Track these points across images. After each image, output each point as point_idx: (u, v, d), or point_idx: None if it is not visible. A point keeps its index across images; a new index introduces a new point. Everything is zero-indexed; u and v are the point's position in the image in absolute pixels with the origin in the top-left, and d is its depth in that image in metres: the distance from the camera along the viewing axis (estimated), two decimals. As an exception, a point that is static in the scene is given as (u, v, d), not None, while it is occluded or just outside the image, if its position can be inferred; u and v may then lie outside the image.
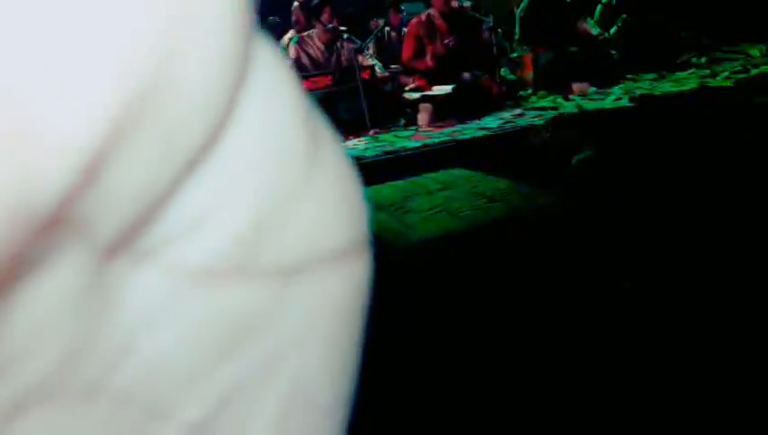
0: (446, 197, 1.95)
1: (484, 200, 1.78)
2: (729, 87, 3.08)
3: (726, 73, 3.42)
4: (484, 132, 2.77)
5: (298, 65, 4.08)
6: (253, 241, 0.09)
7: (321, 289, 0.10)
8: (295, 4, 5.23)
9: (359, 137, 3.27)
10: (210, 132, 0.08)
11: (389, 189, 2.20)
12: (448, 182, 2.15)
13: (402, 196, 2.07)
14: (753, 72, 3.33)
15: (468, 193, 1.94)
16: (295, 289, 0.09)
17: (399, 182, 2.32)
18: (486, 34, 4.40)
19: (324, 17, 4.01)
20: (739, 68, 3.50)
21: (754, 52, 4.01)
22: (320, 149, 0.09)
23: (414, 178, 2.31)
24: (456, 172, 2.29)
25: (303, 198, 0.09)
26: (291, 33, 5.19)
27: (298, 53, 4.09)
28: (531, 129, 2.72)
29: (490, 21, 4.40)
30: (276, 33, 5.98)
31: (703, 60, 4.42)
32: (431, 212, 1.78)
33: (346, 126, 3.52)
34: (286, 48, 4.83)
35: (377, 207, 1.99)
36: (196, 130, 0.08)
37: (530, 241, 1.64)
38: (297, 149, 0.09)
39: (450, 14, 4.17)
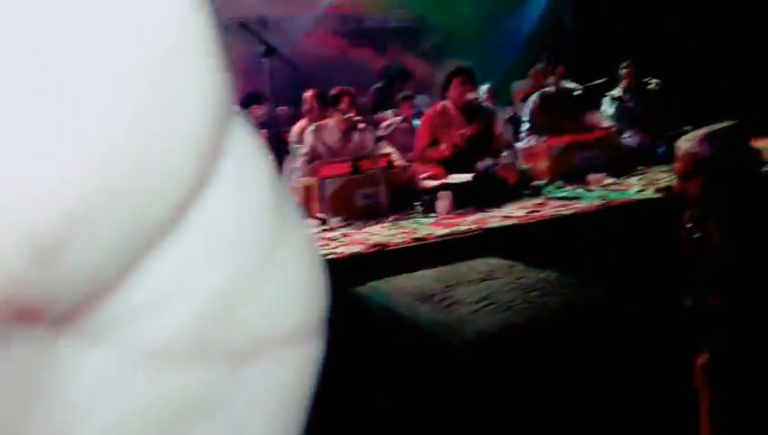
0: (491, 287, 1.86)
1: (536, 293, 1.70)
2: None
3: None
4: (512, 221, 2.72)
5: (314, 153, 4.11)
6: (209, 324, 0.09)
7: (272, 372, 0.10)
8: (308, 93, 5.36)
9: (378, 223, 3.22)
10: (172, 217, 0.08)
11: (426, 279, 2.12)
12: (487, 272, 2.07)
13: (442, 285, 1.99)
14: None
15: (514, 285, 1.86)
16: (246, 373, 0.10)
17: (433, 271, 2.24)
18: (501, 125, 4.49)
19: (343, 106, 4.08)
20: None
21: None
22: (285, 234, 0.10)
23: (450, 267, 2.23)
24: (494, 262, 2.22)
25: (263, 282, 0.10)
26: (304, 122, 5.28)
27: (315, 142, 4.13)
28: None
29: (505, 113, 4.50)
30: (285, 121, 6.12)
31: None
32: (480, 305, 1.69)
33: (364, 213, 3.49)
34: (299, 137, 4.90)
35: (417, 297, 1.90)
36: (157, 217, 0.08)
37: (591, 334, 1.55)
38: (261, 235, 0.10)
39: (465, 106, 4.26)
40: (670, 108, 4.74)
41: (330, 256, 2.44)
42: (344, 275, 2.33)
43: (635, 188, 3.25)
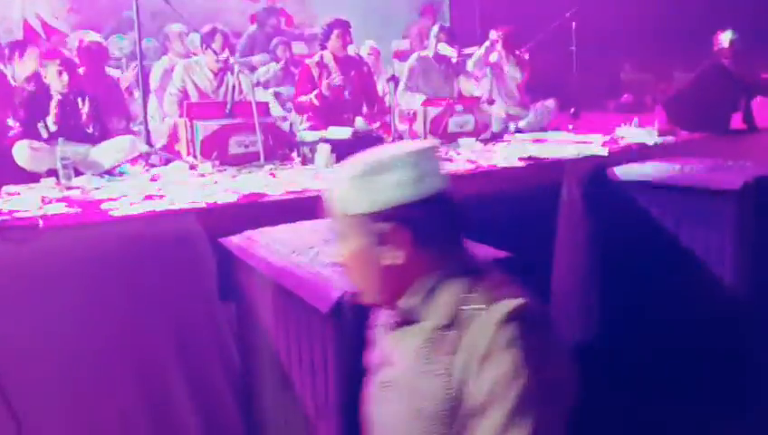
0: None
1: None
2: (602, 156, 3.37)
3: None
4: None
5: (184, 93, 3.86)
6: None
7: None
8: (174, 29, 4.98)
9: (252, 172, 3.12)
10: None
11: (303, 231, 2.09)
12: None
13: (319, 238, 1.97)
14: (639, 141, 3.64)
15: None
16: None
17: (310, 223, 2.21)
18: (382, 83, 4.49)
19: (215, 46, 3.84)
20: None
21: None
22: None
23: (328, 220, 2.22)
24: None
25: None
26: (169, 58, 4.91)
27: (185, 81, 3.87)
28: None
29: (391, 70, 4.50)
30: (150, 55, 5.66)
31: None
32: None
33: (239, 160, 3.36)
34: (164, 72, 4.56)
35: (293, 249, 1.87)
36: None
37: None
38: None
39: (344, 58, 4.21)
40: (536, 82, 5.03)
41: (201, 205, 2.32)
42: (216, 225, 2.24)
43: (500, 155, 3.43)
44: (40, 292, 1.96)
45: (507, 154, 3.39)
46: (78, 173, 3.02)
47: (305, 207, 2.43)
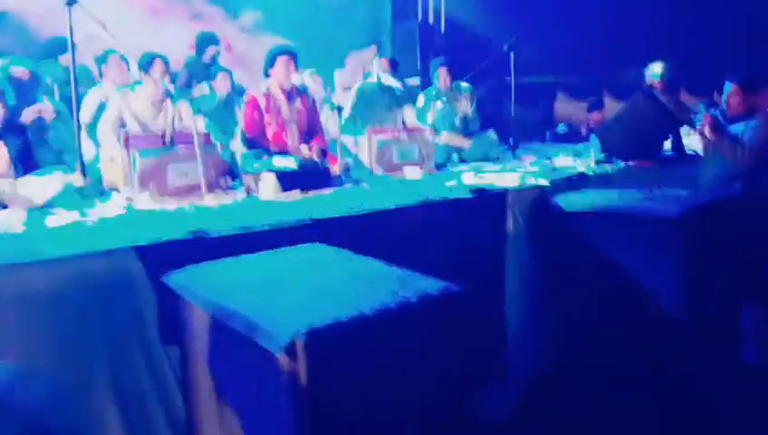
0: (319, 277, 1.83)
1: (363, 282, 1.70)
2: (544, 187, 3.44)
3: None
4: (338, 212, 2.71)
5: (120, 123, 3.71)
6: None
7: None
8: (112, 56, 4.81)
9: (194, 202, 3.01)
10: None
11: (250, 265, 2.02)
12: (315, 260, 2.04)
13: (268, 274, 1.90)
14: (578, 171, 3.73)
15: (343, 274, 1.84)
16: None
17: (256, 256, 2.14)
18: (326, 112, 4.46)
19: (154, 74, 3.73)
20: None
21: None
22: None
23: (276, 252, 2.15)
24: (321, 248, 2.19)
25: None
26: (106, 85, 4.72)
27: (121, 111, 3.73)
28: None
29: (334, 102, 4.48)
30: (83, 81, 5.45)
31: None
32: (309, 295, 1.65)
33: (179, 191, 3.23)
34: (99, 101, 4.39)
35: (240, 285, 1.80)
36: None
37: (421, 328, 1.59)
38: None
39: (289, 88, 4.17)
40: (480, 111, 5.14)
41: (140, 243, 2.21)
42: (157, 263, 2.13)
43: (450, 184, 3.44)
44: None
45: (455, 184, 3.42)
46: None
47: (252, 242, 2.36)
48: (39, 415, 1.69)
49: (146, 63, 3.73)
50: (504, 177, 3.78)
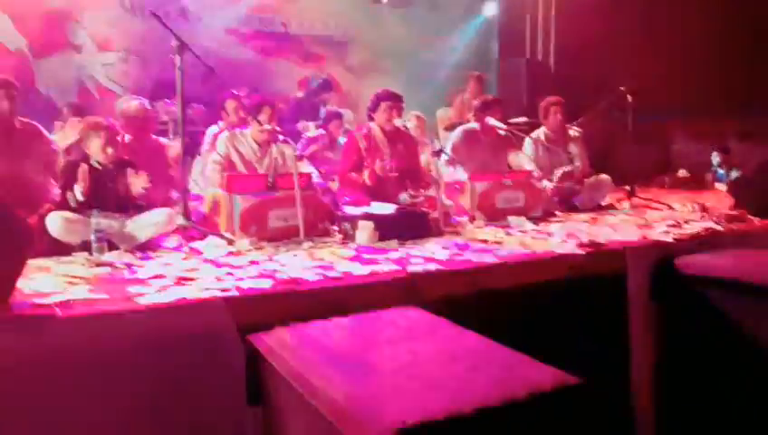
0: (413, 351, 1.66)
1: (466, 366, 1.51)
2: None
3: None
4: (435, 265, 2.55)
5: (227, 163, 3.78)
6: None
7: None
8: (230, 102, 5.00)
9: (291, 251, 2.95)
10: None
11: (340, 330, 1.89)
12: (409, 328, 1.87)
13: (358, 343, 1.76)
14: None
15: (439, 350, 1.67)
16: None
17: (348, 320, 2.01)
18: (428, 156, 4.35)
19: (262, 117, 3.78)
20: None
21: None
22: None
23: (367, 317, 2.01)
24: (415, 314, 2.02)
25: None
26: (219, 127, 4.92)
27: (228, 151, 3.80)
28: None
29: (438, 143, 4.36)
30: (199, 121, 5.70)
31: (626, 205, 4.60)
32: (402, 376, 1.48)
33: (278, 235, 3.21)
34: (212, 142, 4.53)
35: (329, 356, 1.67)
36: None
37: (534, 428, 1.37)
38: None
39: (391, 131, 4.09)
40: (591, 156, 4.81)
41: (231, 294, 2.15)
42: (248, 316, 2.06)
43: (556, 238, 3.18)
44: (55, 387, 1.80)
45: (563, 238, 3.15)
46: (113, 246, 2.91)
47: (343, 298, 2.25)
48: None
49: (255, 108, 3.79)
50: (622, 229, 3.46)
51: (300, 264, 2.64)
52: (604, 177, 4.66)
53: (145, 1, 6.35)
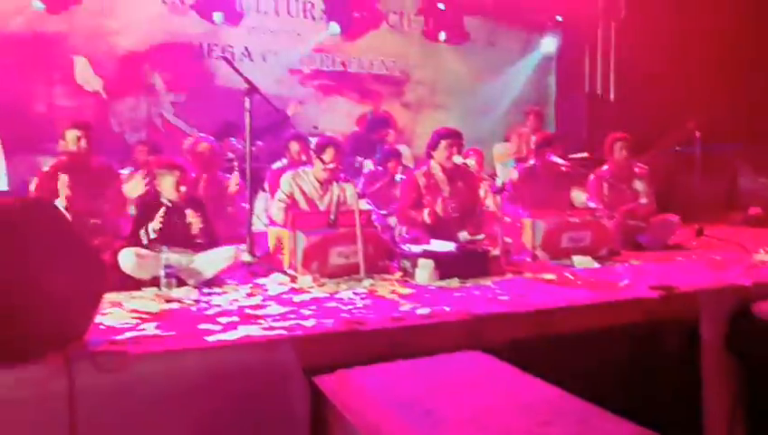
0: (479, 401, 1.62)
1: (539, 420, 1.46)
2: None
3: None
4: (499, 308, 2.50)
5: (290, 200, 3.85)
6: None
7: None
8: (294, 144, 5.12)
9: (351, 289, 2.96)
10: None
11: (404, 375, 1.87)
12: (475, 376, 1.83)
13: (423, 389, 1.74)
14: None
15: (507, 400, 1.62)
16: None
17: (411, 364, 1.99)
18: (488, 194, 4.31)
19: (326, 156, 3.84)
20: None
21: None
22: None
23: (431, 361, 1.98)
24: (481, 360, 1.98)
25: None
26: (283, 164, 5.04)
27: (291, 189, 3.88)
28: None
29: (499, 181, 4.33)
30: (263, 158, 5.86)
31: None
32: (473, 430, 1.44)
33: (339, 272, 3.23)
34: (276, 180, 4.63)
35: (395, 402, 1.64)
36: None
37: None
38: None
39: (451, 169, 4.09)
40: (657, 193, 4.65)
41: (295, 333, 2.16)
42: (312, 354, 2.07)
43: (625, 280, 3.07)
44: (126, 424, 1.84)
45: (632, 279, 3.04)
46: (181, 281, 3.00)
47: (404, 339, 2.23)
48: None
49: (320, 147, 3.85)
50: (694, 270, 3.31)
51: (361, 302, 2.64)
52: (671, 215, 4.50)
53: (212, 45, 6.67)
